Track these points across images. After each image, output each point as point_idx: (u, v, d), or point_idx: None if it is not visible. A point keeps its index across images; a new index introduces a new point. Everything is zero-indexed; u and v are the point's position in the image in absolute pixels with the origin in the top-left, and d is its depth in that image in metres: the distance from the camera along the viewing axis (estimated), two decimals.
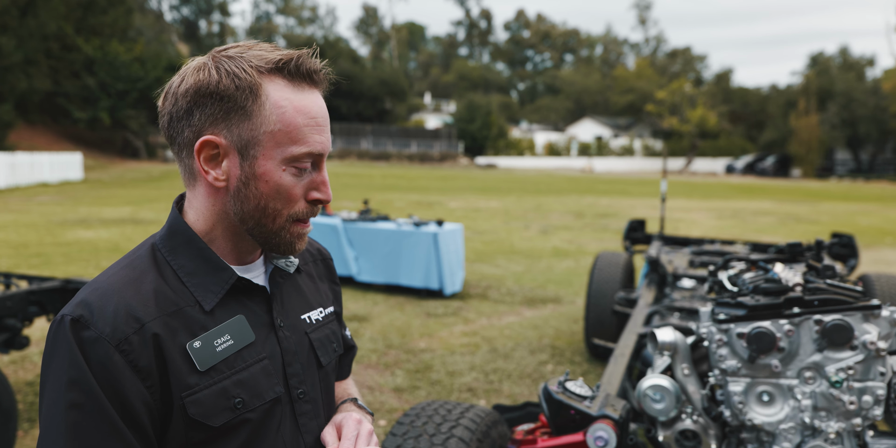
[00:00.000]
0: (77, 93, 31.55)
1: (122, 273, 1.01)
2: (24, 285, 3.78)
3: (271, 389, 1.05)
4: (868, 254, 9.89)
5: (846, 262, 4.98)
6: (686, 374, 1.91)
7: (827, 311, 1.74)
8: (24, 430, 3.56)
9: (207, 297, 1.02)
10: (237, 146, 1.00)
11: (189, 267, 1.03)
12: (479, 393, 4.28)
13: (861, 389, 1.70)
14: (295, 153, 1.01)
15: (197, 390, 0.97)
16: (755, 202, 20.36)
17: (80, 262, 8.26)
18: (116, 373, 0.92)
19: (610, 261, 5.17)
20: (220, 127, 0.99)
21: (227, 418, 0.99)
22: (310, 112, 1.02)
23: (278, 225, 1.04)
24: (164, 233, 1.07)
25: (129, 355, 0.93)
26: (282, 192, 1.02)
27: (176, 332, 0.97)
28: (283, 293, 1.14)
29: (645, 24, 74.87)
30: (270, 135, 0.99)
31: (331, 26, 74.45)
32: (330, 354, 1.19)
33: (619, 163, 47.03)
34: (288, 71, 1.01)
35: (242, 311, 1.06)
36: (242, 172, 1.01)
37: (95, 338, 0.92)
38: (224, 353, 1.01)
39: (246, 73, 0.98)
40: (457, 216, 14.09)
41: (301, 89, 1.02)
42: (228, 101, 0.98)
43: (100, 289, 0.98)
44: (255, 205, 1.02)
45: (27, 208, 14.35)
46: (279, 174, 1.01)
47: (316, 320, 1.19)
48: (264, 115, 0.99)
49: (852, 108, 40.75)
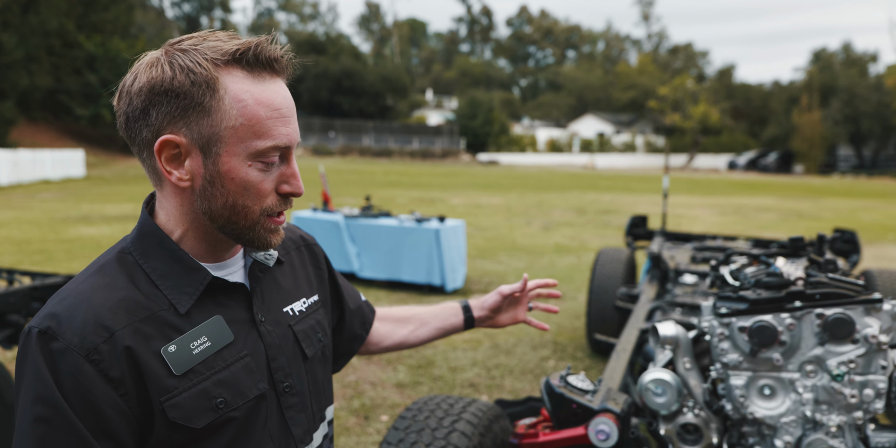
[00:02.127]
0: (79, 90, 31.56)
1: (91, 280, 0.98)
2: (27, 281, 3.79)
3: (254, 386, 1.03)
4: (870, 250, 9.88)
5: (848, 257, 4.98)
6: (688, 367, 1.91)
7: (828, 304, 1.74)
8: None
9: (182, 299, 0.99)
10: (199, 144, 0.95)
11: (162, 269, 1.00)
12: (480, 388, 4.29)
13: (862, 383, 1.70)
14: (260, 148, 0.96)
15: (175, 394, 0.95)
16: (757, 198, 20.33)
17: (83, 258, 8.28)
18: (87, 383, 0.90)
19: (612, 257, 5.17)
20: (178, 125, 0.94)
21: (209, 419, 0.97)
22: (272, 103, 0.96)
23: (251, 221, 1.00)
24: (135, 235, 1.04)
25: (99, 365, 0.90)
26: (250, 189, 0.98)
27: (149, 337, 0.95)
28: (264, 287, 1.12)
29: (648, 20, 74.69)
30: (233, 130, 0.95)
31: (332, 23, 74.38)
32: (315, 345, 1.18)
33: (621, 159, 46.98)
34: (246, 61, 0.95)
35: (220, 310, 1.03)
36: (207, 171, 0.96)
37: (63, 349, 0.89)
38: (201, 355, 0.98)
39: (201, 66, 0.93)
40: (459, 212, 14.09)
41: (262, 80, 0.97)
42: (185, 98, 0.93)
43: (67, 298, 0.95)
44: (224, 203, 0.98)
45: (30, 205, 14.38)
46: (245, 170, 0.97)
47: (299, 311, 1.17)
48: (224, 110, 0.94)
49: (855, 104, 40.65)
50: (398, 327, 1.53)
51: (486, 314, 1.57)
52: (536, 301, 1.64)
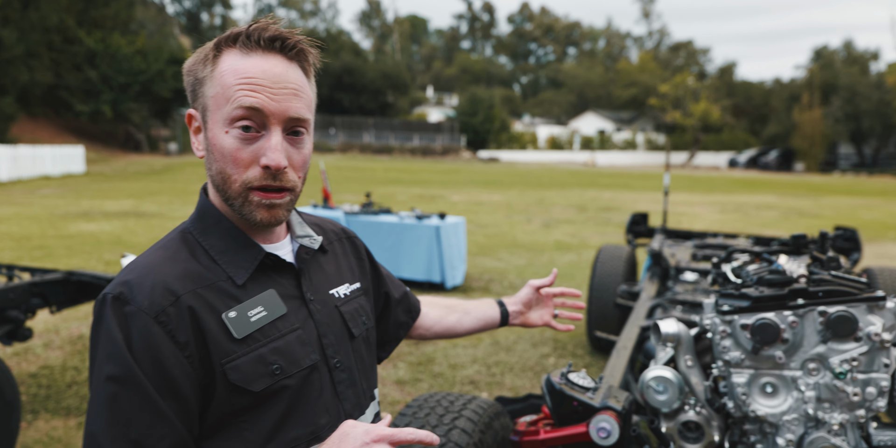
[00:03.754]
0: (79, 86, 31.51)
1: (157, 253, 1.07)
2: (26, 277, 3.78)
3: (307, 357, 1.10)
4: (871, 248, 9.87)
5: (849, 255, 4.97)
6: (689, 365, 1.91)
7: (831, 302, 1.73)
8: (27, 422, 3.57)
9: (238, 272, 1.07)
10: (202, 115, 1.07)
11: (219, 246, 1.09)
12: (481, 386, 4.29)
13: (865, 381, 1.69)
14: (227, 112, 1.03)
15: (236, 357, 1.02)
16: (758, 196, 20.31)
17: (83, 254, 8.27)
18: (156, 344, 0.97)
19: (612, 254, 5.16)
20: (194, 100, 1.08)
21: (266, 384, 1.03)
22: (245, 72, 1.03)
23: (235, 191, 1.05)
24: (195, 216, 1.13)
25: (166, 326, 0.98)
26: (226, 155, 1.04)
27: (210, 303, 1.02)
28: (310, 269, 1.19)
29: (648, 18, 74.53)
30: (213, 99, 1.04)
31: (333, 19, 74.25)
32: (360, 326, 1.25)
33: (622, 157, 46.93)
34: (241, 41, 1.04)
35: (273, 285, 1.10)
36: (206, 140, 1.07)
37: (134, 312, 0.97)
38: (258, 323, 1.05)
39: (207, 48, 1.06)
40: (459, 209, 14.07)
41: (249, 55, 1.04)
42: (194, 75, 1.07)
43: (136, 268, 1.03)
44: (216, 170, 1.06)
45: (30, 201, 14.37)
46: (222, 137, 1.04)
47: (344, 295, 1.24)
48: (212, 83, 1.04)
49: (856, 102, 40.58)
50: (447, 314, 1.62)
51: (519, 308, 1.65)
52: (562, 309, 1.72)
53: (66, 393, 3.98)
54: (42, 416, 3.65)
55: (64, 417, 3.64)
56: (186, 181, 20.30)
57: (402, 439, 0.99)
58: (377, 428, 1.01)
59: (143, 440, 0.96)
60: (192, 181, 20.29)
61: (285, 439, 1.07)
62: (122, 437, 0.95)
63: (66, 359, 4.57)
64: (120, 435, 0.95)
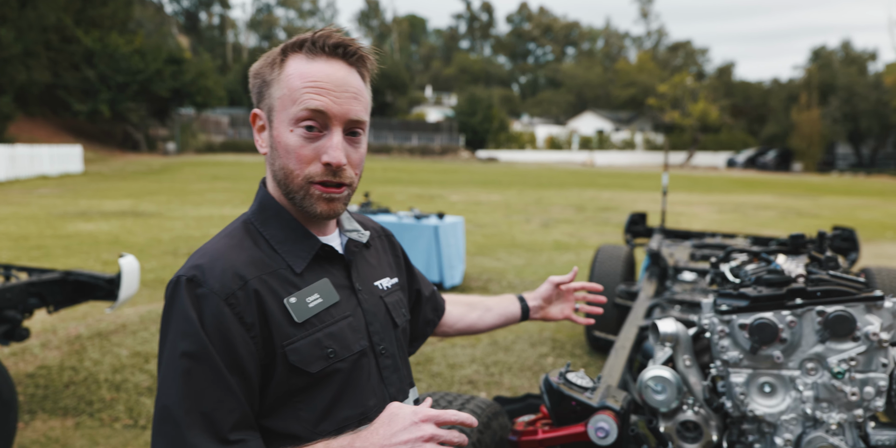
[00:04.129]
0: (77, 85, 31.44)
1: (224, 241, 1.15)
2: (23, 277, 3.77)
3: (357, 343, 1.18)
4: (869, 248, 9.88)
5: (847, 255, 4.97)
6: (688, 365, 1.90)
7: (829, 302, 1.73)
8: (24, 422, 3.56)
9: (297, 261, 1.16)
10: (267, 115, 1.15)
11: (279, 236, 1.17)
12: (479, 385, 4.28)
13: (863, 380, 1.69)
14: (293, 112, 1.11)
15: (295, 340, 1.10)
16: (756, 196, 20.33)
17: (81, 254, 8.26)
18: (226, 323, 1.05)
19: (611, 254, 5.16)
20: (261, 102, 1.17)
21: (321, 366, 1.12)
22: (311, 76, 1.12)
23: (297, 185, 1.14)
24: (256, 208, 1.21)
25: (235, 308, 1.06)
26: (290, 152, 1.12)
27: (274, 289, 1.11)
28: (358, 262, 1.28)
29: (647, 18, 74.54)
30: (280, 100, 1.13)
31: (331, 18, 74.18)
32: (402, 317, 1.33)
33: (621, 157, 46.94)
34: (307, 47, 1.14)
35: (326, 275, 1.19)
36: (271, 137, 1.15)
37: (207, 293, 1.05)
38: (315, 309, 1.14)
39: (275, 53, 1.15)
40: (458, 209, 14.07)
41: (314, 60, 1.13)
42: (262, 77, 1.16)
43: (207, 254, 1.12)
44: (279, 166, 1.14)
45: (27, 201, 14.35)
46: (287, 135, 1.12)
47: (387, 287, 1.33)
48: (279, 84, 1.13)
49: (854, 102, 40.61)
50: (469, 311, 1.69)
51: (539, 303, 1.73)
52: (583, 303, 1.80)
53: (64, 393, 3.97)
54: (39, 417, 3.64)
55: (61, 418, 3.63)
56: (185, 181, 20.27)
57: (446, 420, 1.05)
58: (424, 409, 1.07)
59: (213, 413, 1.02)
60: (190, 181, 20.27)
61: (337, 419, 1.14)
62: (195, 409, 1.01)
63: (63, 359, 4.56)
64: (192, 407, 1.01)
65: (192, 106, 36.08)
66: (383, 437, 1.04)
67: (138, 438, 3.42)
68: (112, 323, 5.42)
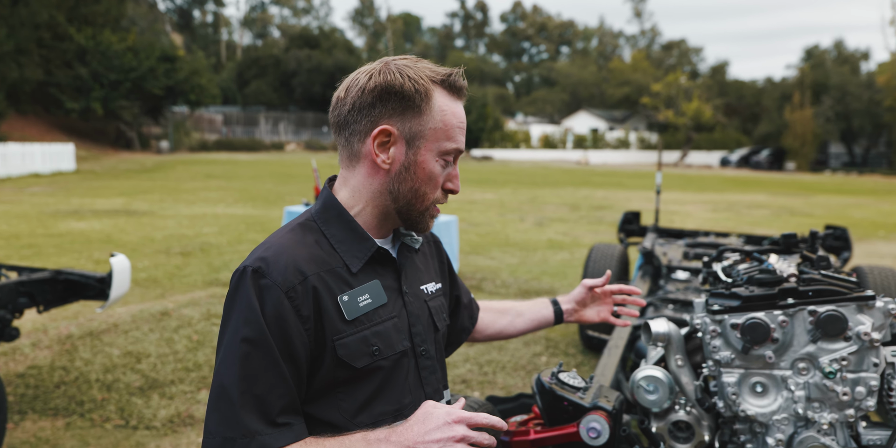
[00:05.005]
0: (69, 83, 31.26)
1: (289, 236, 1.22)
2: (13, 276, 3.74)
3: (400, 343, 1.26)
4: (861, 246, 9.92)
5: (840, 254, 4.99)
6: (679, 365, 1.90)
7: (821, 301, 1.73)
8: (14, 423, 3.54)
9: (354, 261, 1.23)
10: (406, 137, 1.22)
11: (339, 236, 1.25)
12: (473, 384, 4.28)
13: (854, 380, 1.69)
14: (448, 148, 1.25)
15: (345, 336, 1.18)
16: (750, 195, 20.39)
17: (72, 253, 8.21)
18: (285, 314, 1.12)
19: (604, 253, 5.17)
20: (395, 119, 1.22)
21: (366, 362, 1.19)
22: (460, 117, 1.26)
23: (424, 206, 1.26)
24: (319, 207, 1.29)
25: (294, 301, 1.13)
26: (432, 179, 1.25)
27: (329, 286, 1.18)
28: (408, 266, 1.35)
29: (640, 17, 74.64)
30: (433, 131, 1.23)
31: (326, 17, 74.07)
32: (442, 322, 1.41)
33: (615, 155, 47.00)
34: (448, 84, 1.25)
35: (377, 276, 1.26)
36: (406, 158, 1.23)
37: (270, 285, 1.13)
38: (365, 309, 1.21)
39: (423, 80, 1.22)
40: (451, 208, 14.06)
41: (455, 99, 1.27)
42: (408, 100, 1.21)
43: (273, 247, 1.19)
44: (410, 187, 1.24)
45: (19, 199, 14.26)
46: (433, 163, 1.24)
47: (431, 292, 1.40)
48: (432, 115, 1.22)
49: (847, 101, 40.75)
50: (499, 317, 1.76)
51: (573, 307, 1.81)
52: (621, 306, 1.88)
53: (55, 393, 3.94)
54: (29, 417, 3.61)
55: (52, 418, 3.61)
56: (178, 179, 20.19)
57: (478, 422, 1.14)
58: (458, 410, 1.14)
59: (266, 396, 1.10)
60: (183, 179, 20.18)
61: (373, 413, 1.22)
62: (249, 391, 1.09)
63: (54, 359, 4.53)
64: (247, 389, 1.09)
65: (186, 104, 35.94)
66: (417, 433, 1.11)
67: (129, 439, 3.40)
68: (104, 322, 5.39)
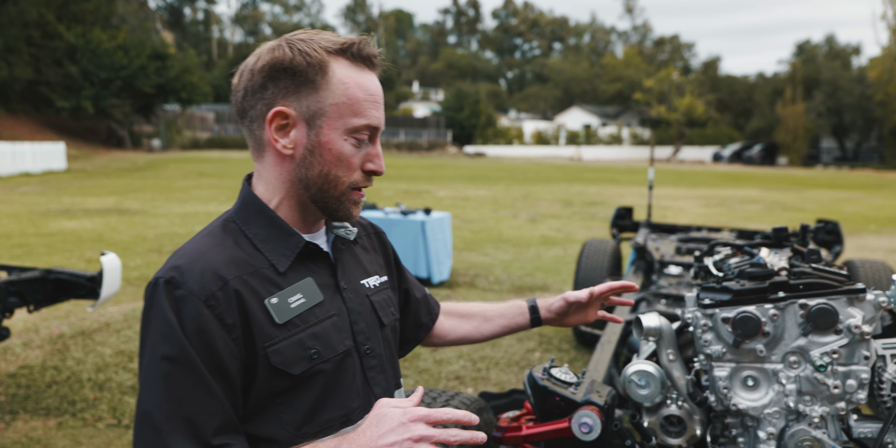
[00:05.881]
0: (59, 81, 31.03)
1: (204, 240, 1.12)
2: (3, 276, 3.72)
3: (342, 343, 1.16)
4: (852, 240, 9.97)
5: (831, 248, 5.01)
6: (671, 359, 1.90)
7: (812, 295, 1.73)
8: (5, 423, 3.52)
9: (280, 260, 1.13)
10: (305, 117, 1.11)
11: (262, 234, 1.14)
12: (466, 381, 4.28)
13: (845, 373, 1.70)
14: (356, 124, 1.12)
15: (277, 341, 1.08)
16: (742, 190, 20.46)
17: (64, 252, 8.17)
18: (206, 326, 1.02)
19: (597, 248, 5.17)
20: (290, 99, 1.10)
21: (304, 367, 1.09)
22: (369, 89, 1.13)
23: (339, 191, 1.14)
24: (238, 206, 1.18)
25: (215, 310, 1.03)
26: (343, 160, 1.13)
27: (255, 289, 1.08)
28: (344, 259, 1.26)
29: (631, 13, 74.69)
30: (335, 107, 1.11)
31: (317, 14, 73.76)
32: (389, 316, 1.31)
33: (608, 151, 47.08)
34: (351, 53, 1.13)
35: (310, 273, 1.16)
36: (309, 141, 1.11)
37: (186, 295, 1.03)
38: (298, 310, 1.11)
39: (316, 52, 1.10)
40: (445, 205, 14.05)
41: (361, 69, 1.14)
42: (300, 76, 1.09)
43: (186, 254, 1.09)
44: (319, 171, 1.12)
45: (9, 198, 14.17)
46: (341, 143, 1.12)
47: (374, 286, 1.31)
48: (330, 89, 1.10)
49: (838, 96, 40.93)
50: (462, 323, 1.64)
51: (552, 316, 1.64)
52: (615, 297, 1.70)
53: (46, 393, 3.92)
54: (21, 417, 3.59)
55: (43, 418, 3.59)
56: (170, 178, 20.10)
57: (439, 419, 1.02)
58: (414, 408, 1.03)
59: (196, 417, 1.00)
60: (175, 178, 20.10)
61: (319, 421, 1.13)
62: (176, 414, 0.99)
63: (45, 358, 4.51)
64: (174, 412, 0.99)
65: (177, 102, 35.75)
66: (370, 438, 1.00)
67: (121, 438, 3.38)
68: (95, 321, 5.36)
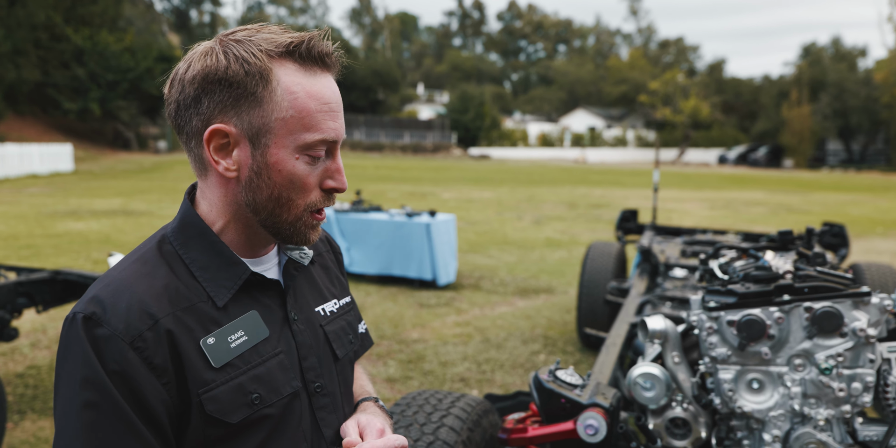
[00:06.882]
0: (67, 83, 31.20)
1: (133, 267, 0.97)
2: (12, 277, 3.75)
3: (288, 384, 1.03)
4: (859, 243, 9.94)
5: (837, 251, 5.00)
6: (676, 362, 1.91)
7: (817, 298, 1.74)
8: (14, 423, 3.54)
9: (220, 292, 0.99)
10: (248, 134, 0.95)
11: (201, 261, 1.00)
12: (471, 383, 4.29)
13: (850, 376, 1.70)
14: (308, 140, 0.96)
15: (213, 387, 0.95)
16: (747, 192, 20.41)
17: (71, 253, 8.21)
18: (132, 370, 0.89)
19: (602, 251, 5.17)
20: (229, 114, 0.95)
21: (244, 414, 0.97)
22: (322, 97, 0.97)
23: (294, 216, 1.00)
24: (176, 225, 1.03)
25: (143, 353, 0.90)
26: (295, 182, 0.98)
27: (189, 328, 0.95)
28: (297, 286, 1.11)
29: (636, 15, 74.64)
30: (283, 122, 0.95)
31: (323, 16, 73.89)
32: (346, 347, 1.17)
33: (612, 153, 47.04)
34: (299, 54, 0.96)
35: (255, 306, 1.03)
36: (254, 161, 0.96)
37: (108, 335, 0.89)
38: (238, 349, 0.98)
39: (255, 57, 0.93)
40: (450, 207, 14.07)
41: (313, 73, 0.97)
42: (238, 88, 0.93)
43: (111, 284, 0.94)
44: (269, 195, 0.98)
45: (17, 200, 14.25)
46: (292, 163, 0.97)
47: (331, 312, 1.16)
48: (275, 102, 0.94)
49: (844, 98, 40.79)
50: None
51: None
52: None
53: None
54: (29, 417, 3.62)
55: (51, 418, 3.61)
56: (176, 179, 20.18)
57: None
58: None
59: None
60: (181, 179, 20.17)
61: None
62: None
63: (53, 358, 4.53)
64: None
65: None
66: None
67: None
68: None
